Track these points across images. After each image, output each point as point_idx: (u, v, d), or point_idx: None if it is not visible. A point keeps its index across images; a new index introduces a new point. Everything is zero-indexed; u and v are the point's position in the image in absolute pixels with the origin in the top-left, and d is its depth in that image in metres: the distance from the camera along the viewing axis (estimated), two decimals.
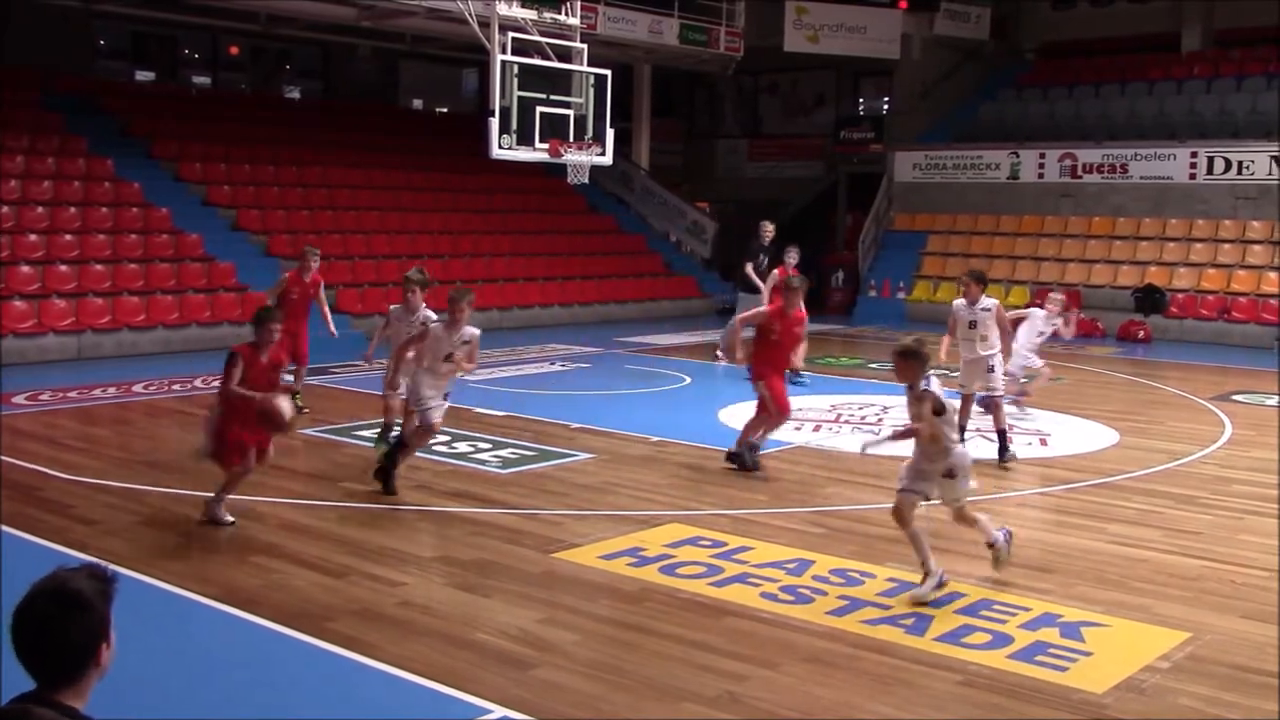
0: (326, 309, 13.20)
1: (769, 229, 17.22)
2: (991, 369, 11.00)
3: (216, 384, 8.56)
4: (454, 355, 9.18)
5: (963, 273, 12.02)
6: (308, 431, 11.83)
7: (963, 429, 11.22)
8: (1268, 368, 18.22)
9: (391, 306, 10.46)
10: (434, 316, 10.08)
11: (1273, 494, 10.09)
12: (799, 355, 11.21)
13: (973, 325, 11.04)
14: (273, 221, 21.52)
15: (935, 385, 7.06)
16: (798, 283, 10.78)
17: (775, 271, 15.91)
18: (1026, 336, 13.11)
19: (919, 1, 28.48)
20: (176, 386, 14.40)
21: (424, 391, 9.17)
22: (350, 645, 6.13)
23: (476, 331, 9.37)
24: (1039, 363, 13.45)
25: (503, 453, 10.85)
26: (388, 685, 5.73)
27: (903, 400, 10.48)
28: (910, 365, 7.00)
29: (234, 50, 28.80)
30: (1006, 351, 11.27)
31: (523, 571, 7.49)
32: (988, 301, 11.17)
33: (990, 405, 11.06)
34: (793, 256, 16.21)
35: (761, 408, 10.52)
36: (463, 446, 11.05)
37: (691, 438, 11.85)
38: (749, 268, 16.81)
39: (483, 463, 10.48)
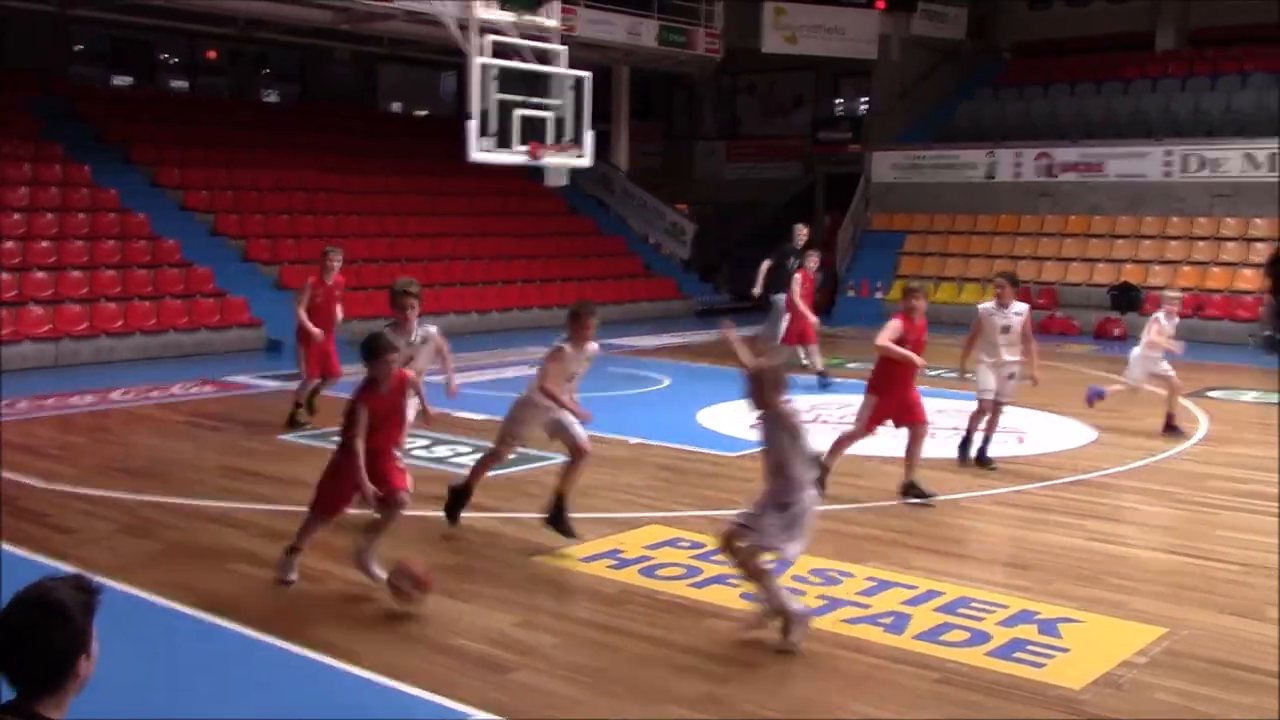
0: (339, 305, 12.60)
1: (803, 232, 17.00)
2: (1011, 376, 10.78)
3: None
4: (576, 375, 8.15)
5: (996, 274, 11.34)
6: (287, 438, 11.81)
7: (971, 433, 10.99)
8: (1242, 363, 18.36)
9: (382, 330, 8.91)
10: (435, 331, 9.20)
11: (1249, 489, 10.18)
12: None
13: (1006, 330, 10.68)
14: (251, 226, 21.48)
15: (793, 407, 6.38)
16: (917, 285, 10.12)
17: (798, 275, 15.87)
18: (1154, 345, 12.59)
19: (897, 2, 28.59)
20: (155, 393, 14.34)
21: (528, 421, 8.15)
22: (329, 651, 6.13)
23: (595, 347, 8.25)
24: (1169, 369, 12.65)
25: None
26: (367, 690, 5.73)
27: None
28: (765, 388, 6.31)
29: (212, 55, 28.72)
30: (1031, 358, 10.88)
31: (502, 575, 7.50)
32: (1019, 306, 10.80)
33: (996, 409, 10.81)
34: (814, 261, 16.15)
35: (913, 420, 9.65)
36: (442, 450, 11.05)
37: (671, 439, 11.88)
38: (764, 267, 16.67)
39: (462, 466, 10.45)
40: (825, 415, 13.54)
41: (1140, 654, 6.30)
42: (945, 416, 12.00)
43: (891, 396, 9.70)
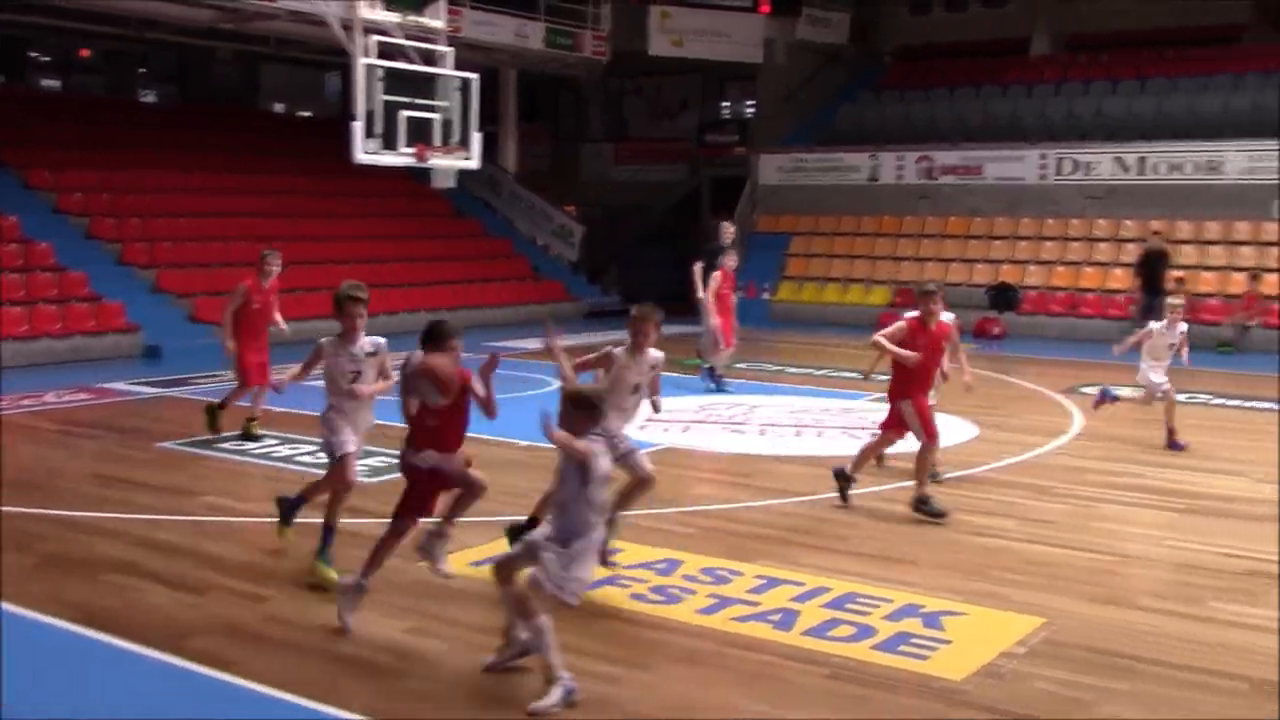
0: (277, 311, 12.06)
1: (730, 230, 16.90)
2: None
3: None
4: (641, 386, 7.72)
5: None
6: (166, 445, 11.53)
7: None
8: (1114, 361, 18.87)
9: (323, 340, 7.98)
10: (383, 342, 7.98)
11: (1123, 482, 10.54)
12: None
13: None
14: (128, 229, 20.92)
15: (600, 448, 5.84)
16: (933, 287, 9.63)
17: (716, 274, 15.77)
18: (1153, 352, 12.27)
19: (781, 6, 28.91)
20: (27, 402, 13.88)
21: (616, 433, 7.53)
22: (213, 663, 5.99)
23: (661, 355, 7.78)
24: (1165, 381, 12.18)
25: (371, 461, 10.65)
26: (253, 702, 5.61)
27: (772, 400, 10.67)
28: (578, 416, 5.81)
29: (85, 53, 27.94)
30: (962, 365, 10.90)
31: (392, 581, 7.39)
32: (946, 316, 10.52)
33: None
34: (732, 260, 16.08)
35: (889, 426, 9.61)
36: (286, 450, 10.87)
37: None
38: (697, 269, 16.40)
39: (314, 468, 10.30)
40: (715, 415, 13.64)
41: (1020, 644, 6.46)
42: (842, 415, 12.13)
43: (923, 398, 9.52)
